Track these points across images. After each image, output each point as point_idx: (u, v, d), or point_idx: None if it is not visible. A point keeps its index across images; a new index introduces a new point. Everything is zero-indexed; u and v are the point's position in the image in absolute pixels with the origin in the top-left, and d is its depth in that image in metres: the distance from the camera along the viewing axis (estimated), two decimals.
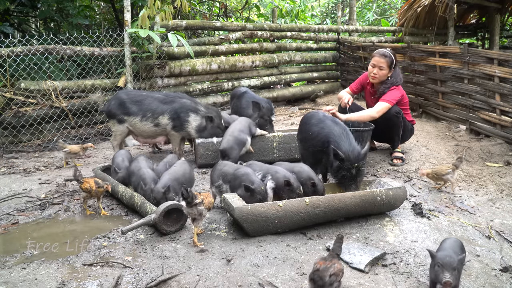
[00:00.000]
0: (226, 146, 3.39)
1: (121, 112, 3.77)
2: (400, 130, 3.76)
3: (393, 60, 3.70)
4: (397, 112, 3.64)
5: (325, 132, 3.01)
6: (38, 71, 4.59)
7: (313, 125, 3.14)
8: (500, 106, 4.27)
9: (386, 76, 3.71)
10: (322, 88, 7.51)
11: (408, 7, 8.36)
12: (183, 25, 5.78)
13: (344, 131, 2.99)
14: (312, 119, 3.19)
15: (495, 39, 8.71)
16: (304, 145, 3.26)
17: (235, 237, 2.44)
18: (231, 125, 3.66)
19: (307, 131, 3.19)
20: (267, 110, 4.06)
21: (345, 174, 2.81)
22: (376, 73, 3.70)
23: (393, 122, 3.67)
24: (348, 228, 2.58)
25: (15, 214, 2.83)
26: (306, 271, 2.07)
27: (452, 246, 1.94)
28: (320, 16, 13.78)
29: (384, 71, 3.68)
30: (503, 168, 3.66)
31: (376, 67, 3.69)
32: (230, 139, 3.45)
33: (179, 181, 2.77)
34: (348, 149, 2.86)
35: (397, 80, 3.72)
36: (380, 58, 3.67)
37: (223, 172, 2.84)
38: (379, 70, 3.68)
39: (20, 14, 6.70)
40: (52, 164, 3.97)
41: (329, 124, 3.05)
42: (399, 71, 3.79)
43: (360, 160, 2.82)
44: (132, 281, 2.00)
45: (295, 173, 2.80)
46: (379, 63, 3.67)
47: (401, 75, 3.82)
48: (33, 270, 2.09)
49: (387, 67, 3.67)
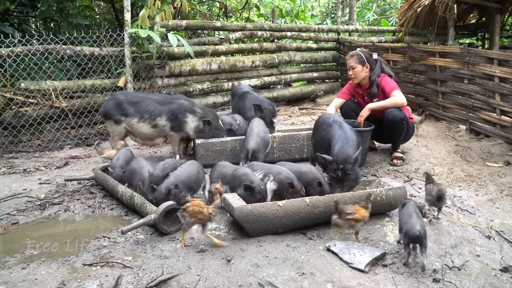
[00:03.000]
0: (255, 147, 3.35)
1: (118, 113, 3.76)
2: (403, 135, 3.83)
3: (362, 56, 3.80)
4: (403, 117, 3.68)
5: (329, 136, 3.09)
6: (38, 71, 4.59)
7: (322, 130, 3.27)
8: (500, 106, 4.27)
9: (362, 72, 3.80)
10: (322, 88, 7.51)
11: (408, 7, 8.35)
12: (183, 25, 5.77)
13: (345, 134, 3.02)
14: (322, 125, 3.32)
15: (495, 39, 8.71)
16: (315, 148, 3.40)
17: (235, 237, 2.44)
18: (254, 126, 3.63)
19: (316, 136, 3.35)
20: (269, 111, 4.06)
21: (331, 175, 2.85)
22: (351, 73, 3.86)
23: (398, 127, 3.72)
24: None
25: (15, 214, 2.83)
26: (306, 271, 2.07)
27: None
28: (320, 16, 13.78)
29: (357, 69, 3.79)
30: (503, 168, 3.66)
31: (350, 68, 3.85)
32: (258, 140, 3.43)
33: (185, 183, 2.73)
34: (339, 151, 2.88)
35: (378, 71, 3.82)
36: (349, 59, 3.86)
37: (222, 173, 2.84)
38: (352, 70, 3.83)
39: (20, 14, 6.69)
40: (52, 164, 3.97)
41: (334, 128, 3.13)
42: (379, 64, 3.85)
43: (348, 163, 2.79)
44: (132, 281, 2.00)
45: (302, 174, 2.82)
46: (350, 64, 3.84)
47: (386, 68, 3.89)
48: (33, 270, 2.09)
49: (358, 64, 3.79)
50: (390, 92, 3.70)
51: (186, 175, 2.81)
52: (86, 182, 3.37)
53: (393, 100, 3.67)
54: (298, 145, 3.88)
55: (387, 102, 3.69)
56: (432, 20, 8.21)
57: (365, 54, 3.82)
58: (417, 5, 7.98)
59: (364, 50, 3.89)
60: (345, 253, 2.22)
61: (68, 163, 4.01)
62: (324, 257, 2.22)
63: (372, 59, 3.83)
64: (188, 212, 2.25)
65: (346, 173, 2.80)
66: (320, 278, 2.02)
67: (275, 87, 7.35)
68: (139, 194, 2.79)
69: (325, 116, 3.42)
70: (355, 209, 2.30)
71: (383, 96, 3.79)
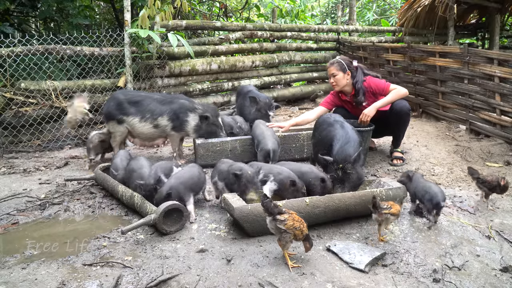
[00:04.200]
0: (274, 147, 3.37)
1: (120, 113, 3.76)
2: (406, 128, 3.87)
3: (343, 63, 3.78)
4: (409, 109, 3.75)
5: (331, 135, 3.10)
6: (38, 71, 4.59)
7: (323, 129, 3.26)
8: (500, 106, 4.27)
9: (344, 79, 3.78)
10: (322, 88, 7.51)
11: (408, 7, 8.36)
12: (183, 25, 5.77)
13: (346, 134, 3.02)
14: (323, 124, 3.31)
15: (495, 39, 8.71)
16: (315, 148, 3.40)
17: (235, 237, 2.44)
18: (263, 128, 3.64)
19: (317, 136, 3.35)
20: (264, 104, 4.15)
21: (332, 175, 2.86)
22: (333, 81, 3.83)
23: (405, 118, 3.75)
24: (348, 228, 2.58)
25: (15, 214, 2.83)
26: (306, 271, 2.07)
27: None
28: (320, 16, 13.78)
29: (338, 76, 3.77)
30: (503, 168, 3.66)
31: (331, 76, 3.83)
32: (275, 141, 3.46)
33: (185, 185, 2.71)
34: (339, 151, 2.89)
35: (361, 78, 3.80)
36: (330, 66, 3.84)
37: (220, 169, 2.85)
38: (333, 77, 3.80)
39: (20, 14, 6.70)
40: (52, 164, 3.97)
41: (336, 128, 3.13)
42: (360, 71, 3.83)
43: (347, 162, 2.79)
44: (132, 281, 2.00)
45: (303, 173, 2.83)
46: (331, 71, 3.82)
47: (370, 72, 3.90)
48: (33, 270, 2.09)
49: (339, 71, 3.77)
50: (387, 88, 3.70)
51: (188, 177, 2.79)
52: (86, 182, 3.37)
53: (396, 93, 3.67)
54: (298, 145, 3.89)
55: (391, 97, 3.67)
56: (432, 20, 8.22)
57: (346, 61, 3.81)
58: (417, 5, 7.98)
59: (344, 57, 3.89)
60: (345, 253, 2.22)
61: (68, 163, 4.01)
62: (324, 257, 2.22)
63: (352, 66, 3.80)
64: (286, 226, 2.06)
65: (346, 173, 2.79)
66: (320, 278, 2.02)
67: (275, 87, 7.35)
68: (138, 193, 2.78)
69: (326, 116, 3.43)
70: (391, 204, 2.39)
71: (374, 97, 3.76)
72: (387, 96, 3.69)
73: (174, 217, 2.50)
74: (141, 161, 3.10)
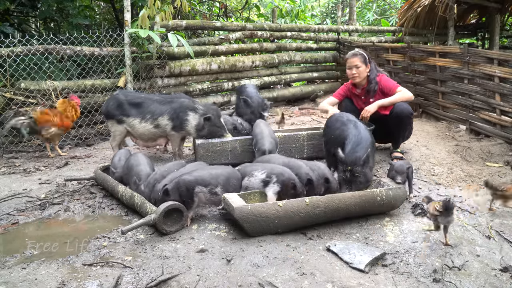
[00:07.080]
0: (271, 147, 3.39)
1: (119, 113, 3.76)
2: (407, 132, 3.86)
3: (365, 56, 3.82)
4: (411, 113, 3.72)
5: (344, 135, 3.11)
6: (38, 71, 4.59)
7: (336, 128, 3.28)
8: (500, 106, 4.27)
9: (365, 72, 3.80)
10: (322, 88, 7.51)
11: (408, 7, 8.35)
12: (183, 25, 5.77)
13: (359, 134, 3.03)
14: (336, 123, 3.33)
15: (495, 39, 8.71)
16: (327, 146, 3.42)
17: (235, 237, 2.44)
18: (263, 127, 3.65)
19: (330, 134, 3.36)
20: (258, 105, 4.15)
21: (341, 176, 2.86)
22: (355, 72, 3.81)
23: (405, 121, 3.74)
24: (348, 228, 2.58)
25: (15, 214, 2.83)
26: (306, 271, 2.07)
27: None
28: (320, 16, 13.78)
29: (361, 68, 3.78)
30: (503, 168, 3.66)
31: (353, 67, 3.81)
32: (272, 141, 3.47)
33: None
34: (349, 152, 2.89)
35: (376, 72, 3.84)
36: (352, 58, 3.82)
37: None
38: (356, 68, 3.79)
39: (20, 14, 6.69)
40: (52, 164, 3.97)
41: (349, 127, 3.14)
42: (374, 64, 3.87)
43: (356, 165, 2.79)
44: (132, 281, 2.00)
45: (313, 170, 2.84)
46: (354, 63, 3.80)
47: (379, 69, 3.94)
48: (33, 270, 2.09)
49: (363, 63, 3.79)
50: (395, 89, 3.73)
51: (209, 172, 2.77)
52: (86, 182, 3.37)
53: (401, 94, 3.69)
54: (298, 145, 3.88)
55: (395, 97, 3.69)
56: (432, 20, 8.21)
57: (367, 54, 3.86)
58: (417, 5, 7.98)
59: (363, 50, 3.91)
60: (345, 253, 2.22)
61: (68, 163, 4.01)
62: (324, 257, 2.22)
63: (370, 60, 3.87)
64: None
65: (354, 175, 2.79)
66: (320, 278, 2.02)
67: (275, 87, 7.35)
68: (135, 191, 2.79)
69: (338, 115, 3.45)
70: (507, 187, 2.69)
71: (382, 95, 3.79)
72: (392, 96, 3.71)
73: (174, 217, 2.50)
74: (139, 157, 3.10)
